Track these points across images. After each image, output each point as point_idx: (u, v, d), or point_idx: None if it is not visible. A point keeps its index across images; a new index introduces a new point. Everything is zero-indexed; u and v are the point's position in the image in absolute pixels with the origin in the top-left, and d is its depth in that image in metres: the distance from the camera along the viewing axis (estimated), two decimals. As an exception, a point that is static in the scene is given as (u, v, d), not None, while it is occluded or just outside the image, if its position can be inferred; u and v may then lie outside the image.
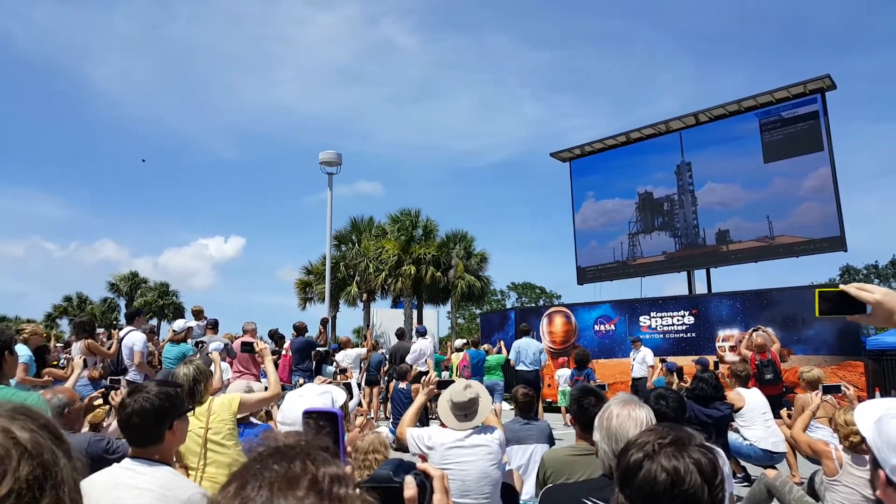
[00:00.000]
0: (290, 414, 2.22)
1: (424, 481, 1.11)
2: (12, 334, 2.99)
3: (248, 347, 6.17)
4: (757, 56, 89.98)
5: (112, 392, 3.96)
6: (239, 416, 4.31)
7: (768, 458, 6.32)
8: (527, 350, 10.89)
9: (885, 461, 1.34)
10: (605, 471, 2.25)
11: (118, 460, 2.41)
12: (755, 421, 6.44)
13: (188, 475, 3.41)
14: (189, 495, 2.28)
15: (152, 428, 2.30)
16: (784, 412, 7.45)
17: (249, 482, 0.73)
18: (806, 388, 6.67)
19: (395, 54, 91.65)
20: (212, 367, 4.94)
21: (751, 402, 6.60)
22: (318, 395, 2.30)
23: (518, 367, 10.88)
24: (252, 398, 3.84)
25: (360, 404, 9.54)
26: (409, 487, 1.06)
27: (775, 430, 6.51)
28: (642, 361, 12.41)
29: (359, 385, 11.18)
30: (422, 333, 11.95)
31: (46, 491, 0.76)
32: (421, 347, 11.40)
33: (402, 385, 9.84)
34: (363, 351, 12.43)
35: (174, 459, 2.46)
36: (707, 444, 1.35)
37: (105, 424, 4.31)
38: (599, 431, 2.25)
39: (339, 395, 2.42)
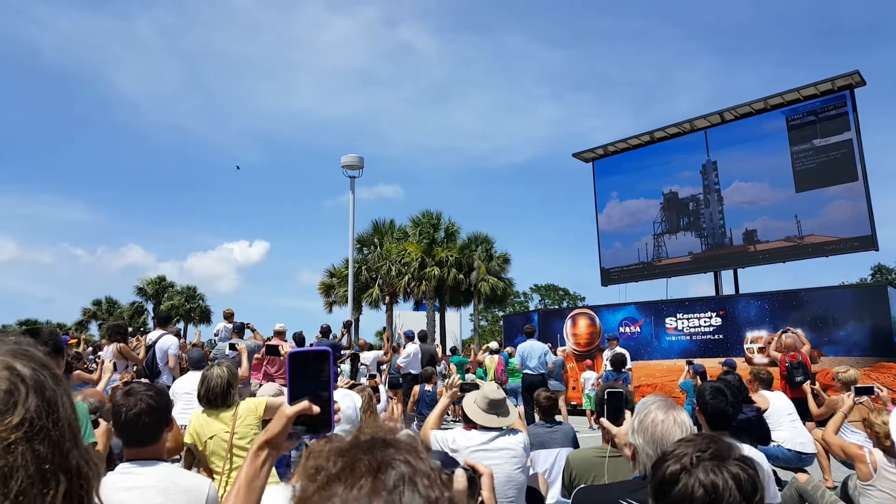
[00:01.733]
0: None
1: (474, 476, 1.10)
2: (59, 342, 3.08)
3: (273, 351, 6.16)
4: (781, 51, 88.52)
5: None
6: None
7: (797, 460, 6.20)
8: (531, 353, 10.59)
9: None
10: (642, 474, 2.20)
11: None
12: (781, 422, 6.31)
13: (213, 479, 3.44)
14: (192, 482, 2.31)
15: (154, 427, 2.35)
16: (807, 386, 7.27)
17: (387, 473, 0.71)
18: (841, 389, 6.46)
19: (414, 57, 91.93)
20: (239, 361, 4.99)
21: (775, 403, 6.51)
22: (340, 398, 2.30)
23: (524, 371, 10.65)
24: (277, 401, 3.86)
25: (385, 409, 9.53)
26: (460, 480, 1.04)
27: (802, 430, 6.39)
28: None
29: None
30: (410, 338, 12.02)
31: (50, 425, 0.79)
32: (411, 352, 11.48)
33: (428, 387, 9.91)
34: (380, 353, 12.49)
35: (166, 457, 2.50)
36: (746, 456, 1.30)
37: None
38: (642, 436, 2.20)
39: (357, 399, 2.42)
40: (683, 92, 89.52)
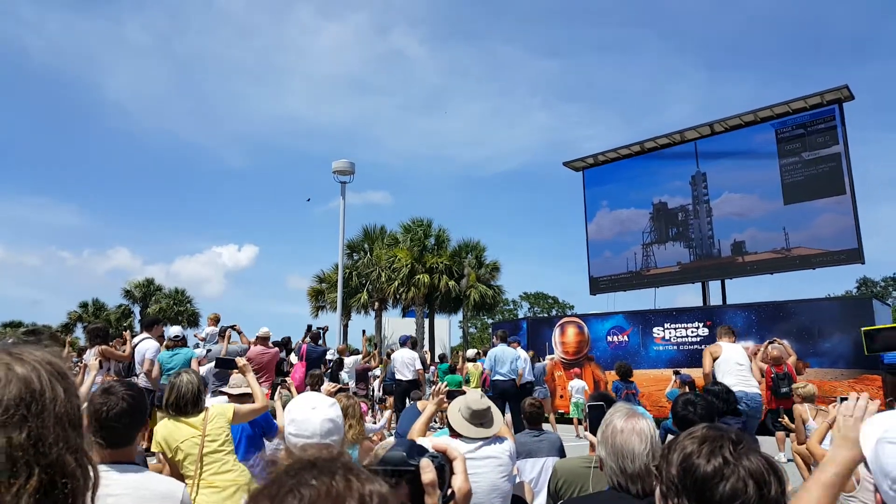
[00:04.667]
0: (307, 426, 2.15)
1: (443, 463, 1.02)
2: (63, 340, 3.06)
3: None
4: (770, 64, 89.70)
5: None
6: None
7: (744, 397, 6.59)
8: (502, 358, 10.25)
9: (879, 485, 1.30)
10: (613, 485, 2.18)
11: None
12: (730, 369, 6.84)
13: (185, 483, 3.41)
14: (166, 487, 2.28)
15: (130, 429, 2.31)
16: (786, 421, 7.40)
17: (286, 501, 0.66)
18: (801, 404, 6.87)
19: (405, 64, 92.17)
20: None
21: (728, 351, 7.06)
22: (331, 406, 2.27)
23: (494, 377, 10.29)
24: (244, 408, 3.89)
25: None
26: (428, 471, 0.96)
27: (749, 377, 6.91)
28: None
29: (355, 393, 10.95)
30: (403, 343, 11.94)
31: (30, 416, 0.79)
32: (402, 357, 11.36)
33: (411, 403, 9.82)
34: (358, 358, 12.38)
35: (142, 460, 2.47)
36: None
37: None
38: (604, 447, 2.18)
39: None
40: (674, 103, 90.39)
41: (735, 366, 6.93)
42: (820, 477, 1.45)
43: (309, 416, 2.17)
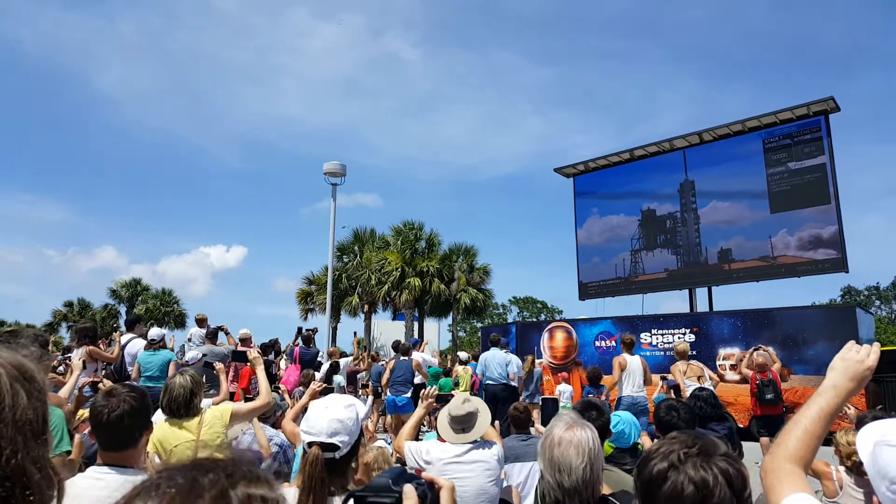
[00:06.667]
0: (315, 424, 2.16)
1: (426, 491, 1.02)
2: (47, 338, 3.03)
3: (240, 356, 5.94)
4: (761, 75, 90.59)
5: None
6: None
7: (633, 403, 8.59)
8: (493, 362, 10.22)
9: (877, 488, 1.32)
10: (551, 501, 2.00)
11: None
12: (632, 379, 8.83)
13: None
14: None
15: (131, 431, 2.27)
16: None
17: (140, 496, 0.63)
18: (678, 359, 8.81)
19: (399, 67, 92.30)
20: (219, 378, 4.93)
21: (632, 362, 8.88)
22: (344, 406, 2.29)
23: (486, 381, 10.27)
24: (243, 408, 3.81)
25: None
26: (410, 498, 0.97)
27: (643, 387, 8.91)
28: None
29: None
30: (413, 346, 11.94)
31: None
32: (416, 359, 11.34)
33: (404, 358, 10.09)
34: (349, 360, 12.39)
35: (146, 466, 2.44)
36: (731, 453, 1.28)
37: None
38: (542, 459, 2.03)
39: (362, 409, 2.42)
40: (665, 111, 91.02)
41: (635, 376, 8.85)
42: (820, 403, 1.45)
43: (320, 414, 2.16)
